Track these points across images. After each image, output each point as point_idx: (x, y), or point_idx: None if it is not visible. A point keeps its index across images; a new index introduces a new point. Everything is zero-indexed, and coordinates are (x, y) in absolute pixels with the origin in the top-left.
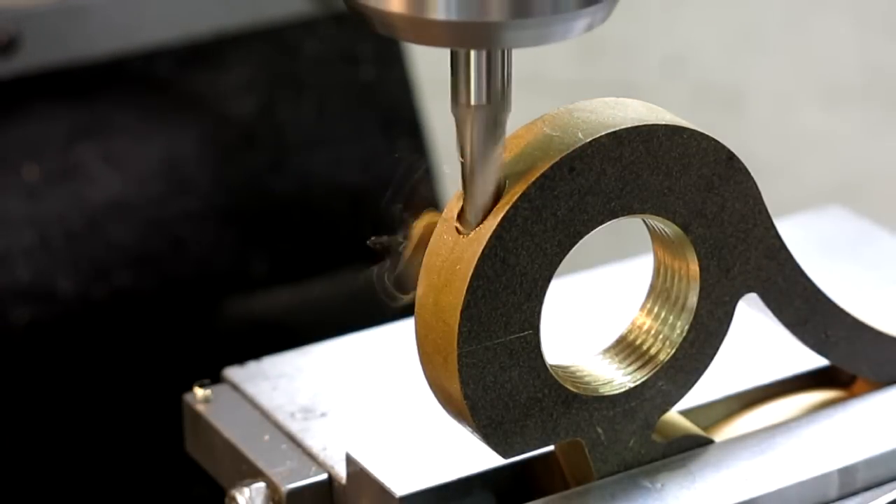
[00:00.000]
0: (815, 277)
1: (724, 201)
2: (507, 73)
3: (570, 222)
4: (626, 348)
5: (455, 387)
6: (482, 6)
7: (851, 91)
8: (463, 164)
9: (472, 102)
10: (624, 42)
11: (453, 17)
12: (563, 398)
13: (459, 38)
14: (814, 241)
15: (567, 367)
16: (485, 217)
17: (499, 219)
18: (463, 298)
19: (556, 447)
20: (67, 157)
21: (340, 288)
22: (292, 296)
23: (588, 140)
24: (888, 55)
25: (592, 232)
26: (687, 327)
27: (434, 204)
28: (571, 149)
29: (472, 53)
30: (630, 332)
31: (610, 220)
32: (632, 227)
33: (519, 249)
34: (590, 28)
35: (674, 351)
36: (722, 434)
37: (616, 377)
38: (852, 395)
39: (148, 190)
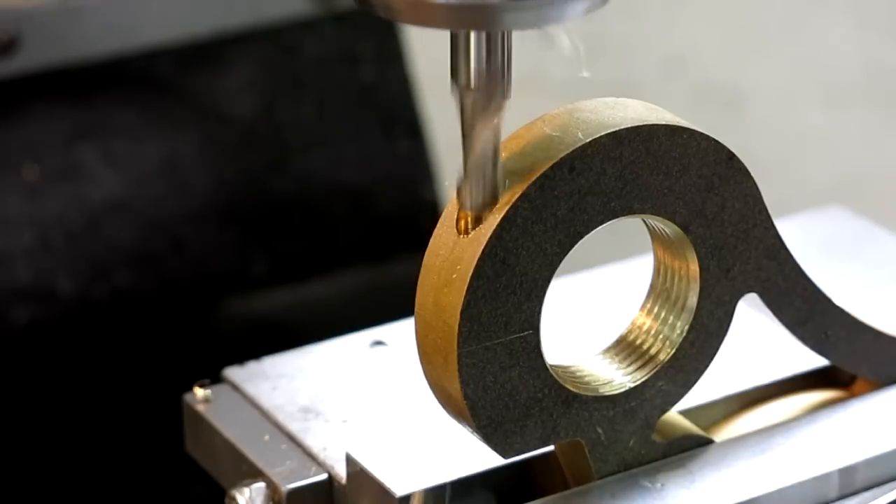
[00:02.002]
0: (815, 277)
1: (724, 201)
2: (508, 56)
3: (570, 222)
4: (626, 348)
5: (455, 387)
6: None
7: (851, 91)
8: (463, 153)
9: (472, 85)
10: (624, 42)
11: None
12: (563, 398)
13: (459, 19)
14: (814, 241)
15: (567, 367)
16: (485, 217)
17: (499, 219)
18: (463, 298)
19: (556, 447)
20: (67, 157)
21: (340, 288)
22: (292, 296)
23: (588, 140)
24: (888, 55)
25: (592, 232)
26: (687, 327)
27: (434, 205)
28: (571, 149)
29: (472, 35)
30: (630, 332)
31: (610, 220)
32: (632, 227)
33: (519, 249)
34: (589, 10)
35: (674, 351)
36: (722, 434)
37: (616, 377)
38: (852, 395)
39: (148, 190)
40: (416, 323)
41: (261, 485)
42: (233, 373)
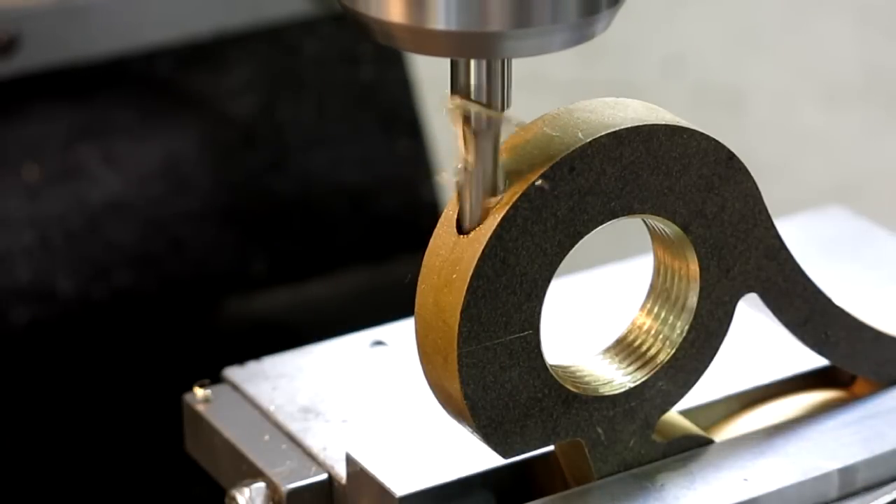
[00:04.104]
0: (815, 277)
1: (724, 201)
2: (507, 81)
3: (570, 222)
4: (626, 348)
5: (455, 387)
6: (482, 16)
7: (851, 91)
8: (463, 167)
9: (472, 108)
10: (624, 42)
11: (453, 27)
12: (563, 398)
13: (460, 47)
14: (814, 241)
15: (567, 367)
16: (484, 217)
17: (499, 219)
18: (463, 298)
19: (556, 447)
20: (67, 157)
21: (340, 288)
22: (292, 296)
23: (588, 140)
24: (888, 55)
25: (592, 232)
26: (687, 327)
27: (434, 205)
28: (571, 149)
29: (472, 62)
30: (630, 332)
31: (610, 220)
32: (632, 227)
33: (519, 249)
34: (591, 37)
35: (674, 351)
36: (722, 434)
37: (616, 377)
38: (852, 395)
39: (148, 190)
40: (416, 323)
41: (261, 485)
42: (233, 373)
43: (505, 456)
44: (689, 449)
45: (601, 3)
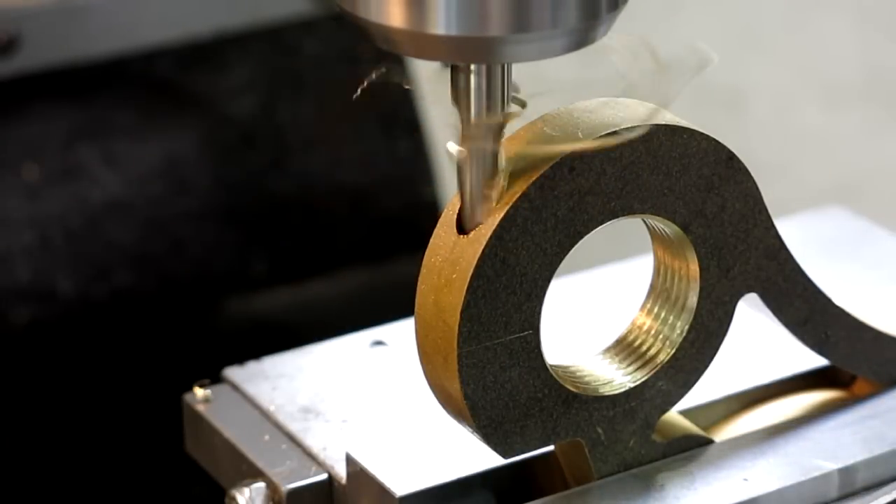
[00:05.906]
0: (815, 277)
1: (724, 201)
2: (507, 86)
3: (570, 222)
4: (626, 348)
5: (455, 387)
6: (482, 21)
7: (851, 91)
8: (462, 167)
9: (473, 115)
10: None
11: (453, 31)
12: (563, 398)
13: (460, 52)
14: (814, 241)
15: (567, 367)
16: (485, 217)
17: (499, 219)
18: (463, 298)
19: (556, 447)
20: (67, 157)
21: (340, 288)
22: (292, 296)
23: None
24: (888, 55)
25: (592, 232)
26: (687, 327)
27: (434, 205)
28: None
29: (472, 67)
30: (630, 332)
31: (610, 220)
32: (632, 227)
33: (519, 249)
34: (591, 42)
35: (674, 351)
36: (722, 434)
37: (616, 377)
38: (852, 395)
39: (148, 190)
40: (416, 323)
41: (261, 485)
42: (233, 373)
43: (505, 456)
44: (689, 449)
45: (601, 7)
